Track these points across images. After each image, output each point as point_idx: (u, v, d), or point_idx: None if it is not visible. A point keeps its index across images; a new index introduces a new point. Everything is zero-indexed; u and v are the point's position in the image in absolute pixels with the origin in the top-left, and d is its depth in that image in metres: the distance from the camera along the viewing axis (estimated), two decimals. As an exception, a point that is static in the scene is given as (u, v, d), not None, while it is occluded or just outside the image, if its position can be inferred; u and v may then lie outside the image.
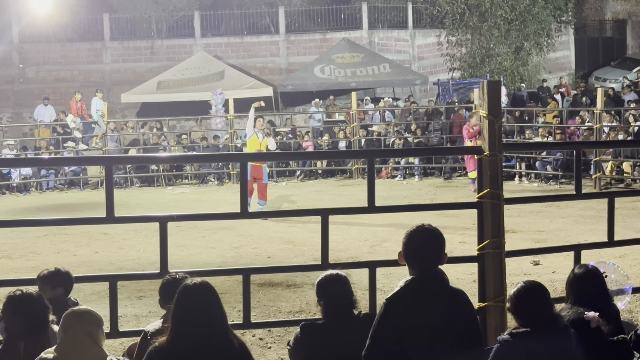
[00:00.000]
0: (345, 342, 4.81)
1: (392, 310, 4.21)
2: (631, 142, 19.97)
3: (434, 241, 4.34)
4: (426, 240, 4.32)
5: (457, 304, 4.26)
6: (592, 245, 7.59)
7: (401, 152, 22.03)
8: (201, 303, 4.18)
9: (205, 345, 4.11)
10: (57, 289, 5.76)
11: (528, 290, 4.73)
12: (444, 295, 4.25)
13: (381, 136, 23.65)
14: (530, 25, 30.16)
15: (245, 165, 6.10)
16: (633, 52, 38.31)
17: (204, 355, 4.09)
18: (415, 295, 4.22)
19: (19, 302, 4.96)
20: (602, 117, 19.35)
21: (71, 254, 13.06)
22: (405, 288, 4.27)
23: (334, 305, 4.99)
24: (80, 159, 21.80)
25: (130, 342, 6.14)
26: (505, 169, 20.27)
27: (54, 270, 5.86)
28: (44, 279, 5.78)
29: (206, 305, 4.18)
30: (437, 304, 4.20)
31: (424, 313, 4.17)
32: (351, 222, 14.42)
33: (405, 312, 4.19)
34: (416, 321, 4.16)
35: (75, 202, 20.18)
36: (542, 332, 4.56)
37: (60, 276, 5.83)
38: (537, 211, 15.76)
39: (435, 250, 4.33)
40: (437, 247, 4.34)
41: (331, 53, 29.05)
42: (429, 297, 4.21)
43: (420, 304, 4.19)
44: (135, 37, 31.53)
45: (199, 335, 4.12)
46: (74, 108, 25.77)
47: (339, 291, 5.03)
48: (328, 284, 5.07)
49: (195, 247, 13.43)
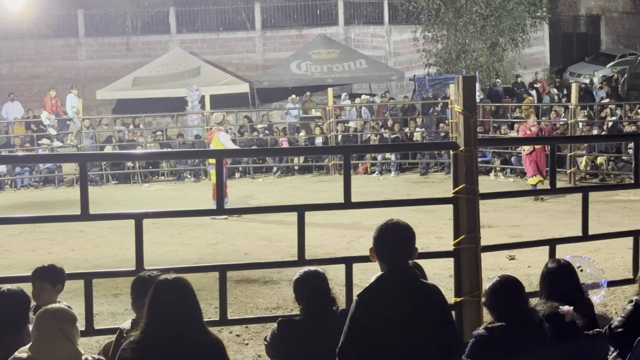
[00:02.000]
0: (322, 338, 4.80)
1: (363, 306, 4.21)
2: (605, 137, 20.14)
3: (404, 236, 4.32)
4: (395, 236, 4.31)
5: (428, 299, 4.25)
6: (567, 239, 7.65)
7: (377, 148, 22.10)
8: (175, 298, 4.16)
9: (179, 340, 4.09)
10: (57, 286, 5.75)
11: (503, 285, 4.76)
12: (414, 291, 4.24)
13: (358, 132, 23.66)
14: (505, 21, 30.30)
15: (221, 162, 6.10)
16: (607, 48, 38.62)
17: (177, 350, 4.08)
18: (385, 290, 4.22)
19: None
20: (577, 112, 19.49)
21: (46, 252, 12.96)
22: (375, 284, 4.27)
23: (313, 303, 4.99)
24: (54, 156, 21.62)
25: (107, 340, 6.11)
26: (480, 164, 20.37)
27: (56, 267, 5.81)
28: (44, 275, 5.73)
29: (180, 301, 4.17)
30: (407, 299, 4.19)
31: (394, 308, 4.17)
32: (328, 218, 14.43)
33: (376, 307, 4.19)
34: (387, 316, 4.16)
35: (50, 199, 20.03)
36: (517, 327, 4.59)
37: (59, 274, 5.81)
38: (513, 206, 15.85)
39: (405, 245, 4.32)
40: (407, 242, 4.32)
41: (307, 49, 29.04)
42: (399, 293, 4.20)
43: (390, 299, 4.18)
44: (110, 33, 31.34)
45: (172, 331, 4.10)
46: (49, 105, 25.58)
47: (317, 289, 5.03)
48: (306, 281, 5.07)
49: (171, 244, 13.38)
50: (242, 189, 20.39)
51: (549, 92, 28.77)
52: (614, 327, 5.20)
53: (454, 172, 5.97)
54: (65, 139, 24.00)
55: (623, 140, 19.36)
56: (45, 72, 30.62)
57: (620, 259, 10.56)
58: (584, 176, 19.77)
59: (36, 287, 5.60)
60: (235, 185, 21.06)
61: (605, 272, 6.88)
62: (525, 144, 20.92)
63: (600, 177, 19.72)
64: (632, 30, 40.15)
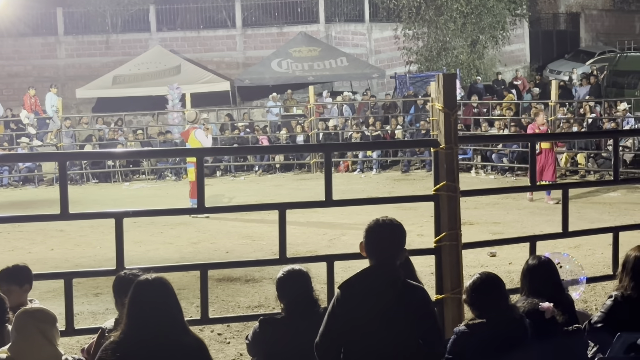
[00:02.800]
0: (303, 337, 4.80)
1: (343, 298, 4.23)
2: (585, 134, 20.24)
3: (395, 235, 4.35)
4: (387, 233, 4.33)
5: (409, 297, 4.26)
6: (547, 236, 7.68)
7: (357, 146, 22.06)
8: (155, 298, 4.15)
9: (160, 341, 4.08)
10: (25, 286, 5.68)
11: (484, 282, 4.78)
12: (396, 288, 4.25)
13: (339, 130, 23.67)
14: (485, 19, 30.41)
15: (201, 160, 6.07)
16: (586, 45, 38.83)
17: (159, 351, 4.07)
18: (367, 284, 4.24)
19: None
20: (557, 109, 19.58)
21: (26, 252, 12.88)
22: (358, 277, 4.29)
23: (295, 302, 4.98)
24: (33, 155, 21.51)
25: (88, 339, 6.08)
26: (461, 162, 20.43)
27: (20, 267, 5.74)
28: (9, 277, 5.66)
29: (160, 300, 4.15)
30: (387, 295, 4.20)
31: (374, 303, 4.18)
32: (310, 216, 14.43)
33: (356, 300, 4.20)
34: (366, 311, 4.18)
35: (29, 199, 19.91)
36: (498, 323, 4.61)
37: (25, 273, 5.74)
38: (494, 203, 15.92)
39: (394, 243, 4.34)
40: (398, 241, 4.35)
41: (288, 47, 29.00)
42: (381, 288, 4.22)
43: (371, 294, 4.20)
44: (90, 31, 31.16)
45: (153, 331, 4.09)
46: (28, 104, 25.40)
47: (299, 288, 5.02)
48: (289, 280, 5.06)
49: (152, 243, 13.34)
50: (224, 187, 20.35)
51: (529, 89, 28.88)
52: (594, 322, 5.23)
53: (435, 169, 5.98)
54: (44, 137, 23.84)
55: (602, 137, 19.47)
56: (24, 71, 30.41)
57: (600, 255, 10.63)
58: (564, 173, 19.88)
59: (3, 290, 5.48)
60: (217, 183, 21.03)
61: (585, 268, 6.92)
62: (504, 140, 21.03)
63: (580, 173, 19.83)
64: (612, 27, 40.41)
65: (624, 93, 26.78)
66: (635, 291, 5.20)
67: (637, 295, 5.19)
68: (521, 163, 20.12)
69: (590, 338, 5.24)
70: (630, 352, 4.92)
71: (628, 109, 21.41)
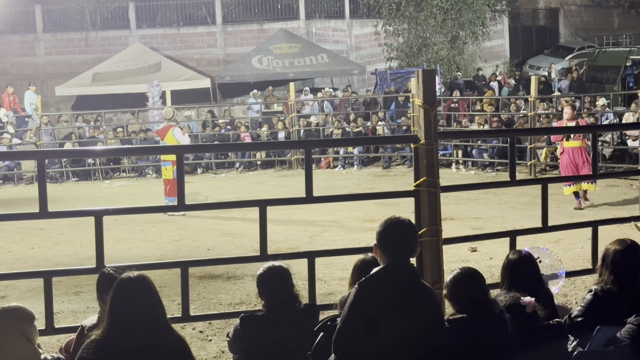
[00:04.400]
0: (285, 333, 4.81)
1: (363, 293, 4.24)
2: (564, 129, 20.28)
3: (409, 232, 4.41)
4: (401, 231, 4.37)
5: (425, 297, 4.32)
6: (527, 230, 7.72)
7: (337, 142, 22.06)
8: (137, 296, 4.14)
9: (141, 339, 4.07)
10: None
11: (464, 277, 4.81)
12: (414, 287, 4.30)
13: (320, 127, 23.67)
14: (465, 15, 30.51)
15: (181, 158, 6.05)
16: (566, 41, 39.05)
17: (140, 349, 4.06)
18: (386, 281, 4.26)
19: None
20: (537, 104, 19.67)
21: (5, 251, 12.80)
22: (377, 274, 4.30)
23: (276, 298, 4.98)
24: (12, 153, 21.35)
25: (67, 338, 6.05)
26: (441, 157, 20.48)
27: None
28: None
29: (142, 298, 4.14)
30: (406, 293, 4.24)
31: (393, 300, 4.21)
32: (291, 213, 14.42)
33: (375, 297, 4.22)
34: (385, 307, 4.20)
35: (9, 197, 19.76)
36: (478, 318, 4.63)
37: None
38: (475, 198, 15.96)
39: (409, 242, 4.38)
40: (412, 239, 4.41)
41: (269, 44, 28.96)
42: (399, 286, 4.25)
43: (390, 291, 4.22)
44: (69, 28, 30.98)
45: (134, 329, 4.08)
46: (6, 102, 25.24)
47: (281, 285, 5.02)
48: (269, 277, 5.05)
49: (133, 240, 13.28)
50: (205, 184, 20.30)
51: (507, 83, 29.06)
52: (574, 316, 5.25)
53: (415, 165, 5.98)
54: (23, 136, 23.69)
55: (582, 132, 19.55)
56: (2, 69, 30.22)
57: (580, 249, 10.69)
58: (544, 168, 19.97)
59: None
60: (198, 180, 20.98)
61: (565, 262, 6.96)
62: (484, 136, 21.09)
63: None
64: (590, 23, 40.66)
65: (603, 88, 26.95)
66: (614, 285, 5.23)
67: (616, 289, 5.22)
68: (502, 158, 20.19)
69: (570, 332, 5.26)
70: (610, 345, 4.95)
71: (607, 104, 21.54)
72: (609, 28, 40.09)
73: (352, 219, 14.31)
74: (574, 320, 5.23)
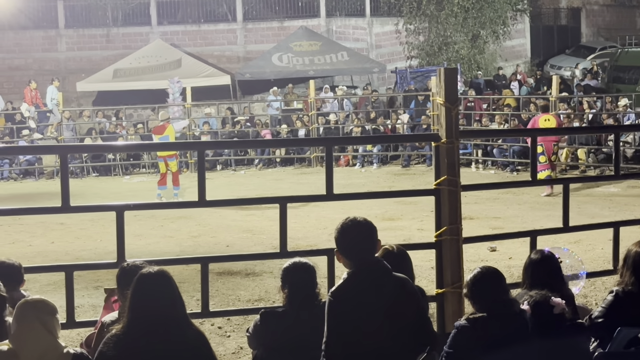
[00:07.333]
0: (304, 329, 4.81)
1: (336, 303, 4.19)
2: (586, 129, 20.24)
3: (366, 231, 4.32)
4: (358, 232, 4.30)
5: (402, 290, 4.25)
6: (548, 231, 7.68)
7: (358, 140, 22.08)
8: (157, 291, 4.15)
9: (162, 333, 4.08)
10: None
11: (484, 276, 4.79)
12: (388, 283, 4.24)
13: (339, 124, 23.66)
14: (486, 14, 30.36)
15: (202, 154, 6.07)
16: (587, 40, 38.77)
17: (160, 344, 4.07)
18: (357, 286, 4.20)
19: None
20: (557, 104, 19.57)
21: (27, 245, 12.90)
22: (347, 281, 4.24)
23: (299, 294, 4.99)
24: (34, 148, 21.46)
25: (88, 332, 6.08)
26: (461, 156, 20.42)
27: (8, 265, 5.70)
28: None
29: (162, 293, 4.16)
30: (381, 291, 4.19)
31: (369, 302, 4.16)
32: (310, 210, 14.43)
33: (350, 303, 4.17)
34: (363, 311, 4.15)
35: (30, 192, 19.92)
36: (498, 317, 4.62)
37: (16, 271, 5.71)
38: (494, 198, 15.91)
39: (368, 240, 4.30)
40: (370, 238, 4.31)
41: (289, 41, 28.97)
42: (373, 286, 4.20)
43: (364, 293, 4.17)
44: (91, 24, 31.10)
45: (155, 324, 4.09)
46: (29, 97, 25.39)
47: (305, 280, 5.02)
48: (295, 271, 5.06)
49: (153, 236, 13.34)
50: (224, 181, 20.35)
51: (526, 82, 28.96)
52: (595, 317, 5.23)
53: (436, 164, 5.97)
54: (45, 131, 23.84)
55: (603, 132, 19.47)
56: (25, 64, 30.37)
57: (601, 250, 10.63)
58: (564, 168, 19.87)
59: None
60: (217, 177, 21.03)
61: (586, 263, 6.92)
62: (504, 135, 21.01)
63: (581, 169, 19.83)
64: (613, 22, 40.34)
65: (625, 88, 26.77)
66: (636, 286, 5.20)
67: (637, 291, 5.19)
68: (521, 158, 20.09)
69: (591, 333, 5.24)
70: (631, 346, 4.93)
71: (629, 104, 21.40)
72: (631, 28, 39.74)
73: (371, 217, 14.10)
74: (595, 321, 5.21)
